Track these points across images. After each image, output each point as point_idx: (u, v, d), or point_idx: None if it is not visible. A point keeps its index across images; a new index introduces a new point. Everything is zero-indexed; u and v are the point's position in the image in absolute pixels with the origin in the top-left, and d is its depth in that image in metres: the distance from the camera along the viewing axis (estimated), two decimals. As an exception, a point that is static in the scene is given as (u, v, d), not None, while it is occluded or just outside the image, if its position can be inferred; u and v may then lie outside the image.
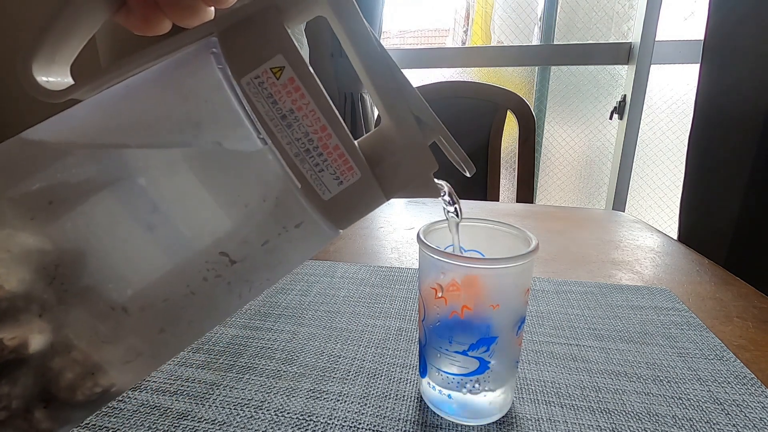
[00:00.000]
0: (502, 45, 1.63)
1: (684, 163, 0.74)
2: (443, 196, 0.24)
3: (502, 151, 1.07)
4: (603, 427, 0.26)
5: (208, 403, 0.28)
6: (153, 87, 0.18)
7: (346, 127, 0.18)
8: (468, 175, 0.22)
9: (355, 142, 0.19)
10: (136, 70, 0.19)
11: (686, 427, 0.26)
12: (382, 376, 0.31)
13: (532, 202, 1.08)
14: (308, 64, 0.18)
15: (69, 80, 0.21)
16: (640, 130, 1.52)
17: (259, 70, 0.17)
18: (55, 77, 0.21)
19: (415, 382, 0.30)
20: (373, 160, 0.19)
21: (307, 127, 0.18)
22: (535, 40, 1.60)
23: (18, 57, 0.20)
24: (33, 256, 0.17)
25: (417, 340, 0.35)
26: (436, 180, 0.21)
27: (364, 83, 0.19)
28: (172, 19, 0.21)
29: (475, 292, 0.24)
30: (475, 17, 1.69)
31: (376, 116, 1.10)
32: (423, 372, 0.27)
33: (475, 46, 1.70)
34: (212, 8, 0.21)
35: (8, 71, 1.37)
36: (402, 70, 0.19)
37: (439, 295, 0.24)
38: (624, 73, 1.54)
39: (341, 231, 0.21)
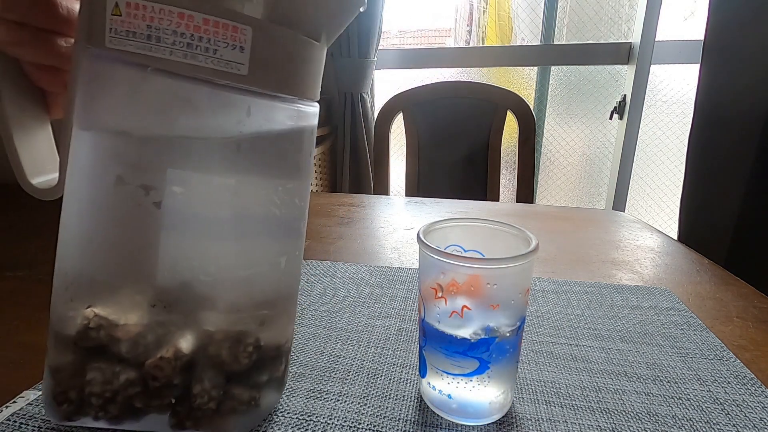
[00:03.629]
0: (502, 45, 1.63)
1: (684, 163, 0.74)
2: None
3: (502, 151, 1.07)
4: (603, 427, 0.26)
5: (208, 403, 0.28)
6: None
7: (212, 3, 0.18)
8: None
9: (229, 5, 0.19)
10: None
11: (686, 427, 0.26)
12: (382, 376, 0.31)
13: (532, 202, 1.08)
14: None
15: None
16: (640, 130, 1.52)
17: (108, 24, 0.18)
18: (47, 176, 0.24)
19: (415, 382, 0.30)
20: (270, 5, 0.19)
21: (172, 28, 0.17)
22: (535, 40, 1.60)
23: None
24: (136, 297, 0.21)
25: (417, 340, 0.35)
26: None
27: None
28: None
29: (475, 292, 0.24)
30: (488, 17, 1.68)
31: (376, 116, 1.10)
32: (423, 372, 0.27)
33: (474, 46, 1.70)
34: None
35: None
36: (402, 69, 0.19)
37: (439, 295, 0.24)
38: (624, 73, 1.54)
39: (315, 101, 0.21)
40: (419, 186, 1.10)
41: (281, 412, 0.27)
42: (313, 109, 0.23)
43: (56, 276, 0.21)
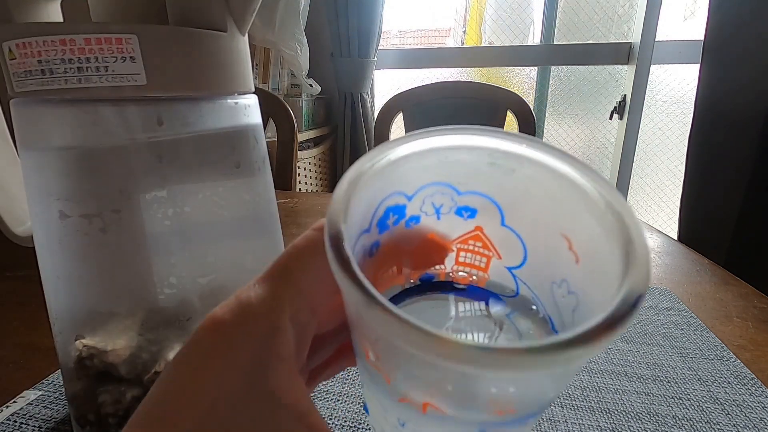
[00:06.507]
0: (502, 45, 1.63)
1: (684, 162, 0.74)
2: None
3: (502, 151, 1.07)
4: (603, 427, 0.26)
5: (208, 403, 0.28)
6: None
7: (88, 22, 0.18)
8: None
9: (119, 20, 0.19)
10: None
11: (686, 427, 0.26)
12: (382, 376, 0.31)
13: (532, 202, 1.07)
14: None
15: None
16: (640, 130, 1.52)
17: (9, 70, 0.18)
18: (27, 224, 0.27)
19: (415, 382, 0.30)
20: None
21: (59, 57, 0.17)
22: (533, 40, 1.60)
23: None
24: (119, 320, 0.22)
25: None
26: None
27: None
28: None
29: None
30: (470, 18, 1.69)
31: (376, 116, 1.10)
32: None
33: (475, 46, 1.70)
34: None
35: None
36: (402, 69, 0.18)
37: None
38: (624, 73, 1.54)
39: (242, 93, 0.21)
40: (419, 186, 1.10)
41: (281, 412, 0.27)
42: (244, 101, 0.22)
43: (48, 311, 0.22)
